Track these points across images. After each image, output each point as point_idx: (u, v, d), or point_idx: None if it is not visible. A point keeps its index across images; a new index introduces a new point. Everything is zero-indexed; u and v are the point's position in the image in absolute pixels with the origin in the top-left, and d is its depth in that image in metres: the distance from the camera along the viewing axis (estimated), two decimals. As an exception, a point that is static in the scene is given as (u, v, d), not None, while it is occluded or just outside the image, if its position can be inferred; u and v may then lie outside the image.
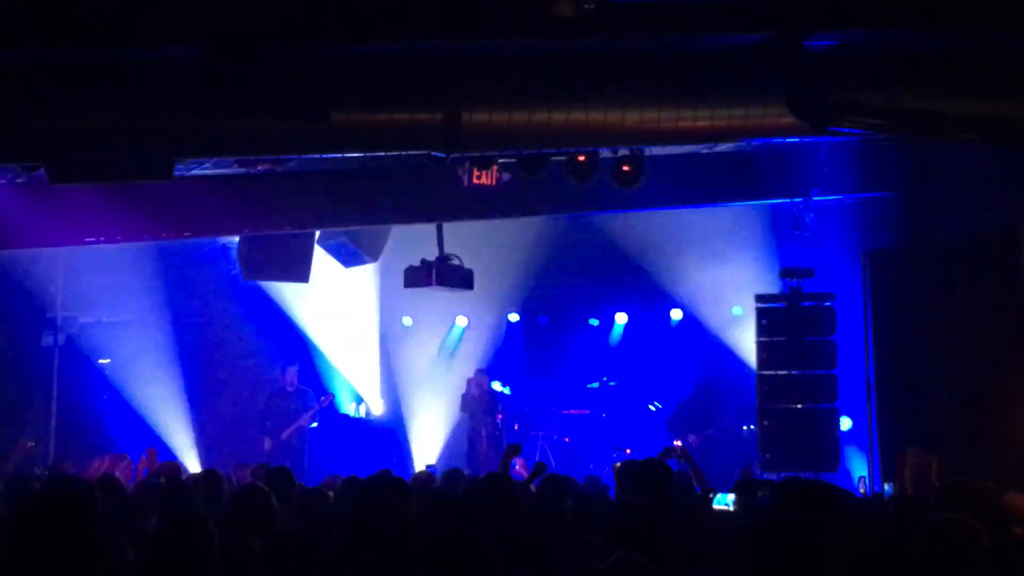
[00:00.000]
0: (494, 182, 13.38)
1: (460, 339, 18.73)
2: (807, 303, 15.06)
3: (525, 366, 19.80)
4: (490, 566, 4.55)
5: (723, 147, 13.46)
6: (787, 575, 4.51)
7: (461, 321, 19.68)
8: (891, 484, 12.94)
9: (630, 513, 6.00)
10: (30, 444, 13.40)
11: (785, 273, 15.17)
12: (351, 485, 8.21)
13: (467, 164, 13.03)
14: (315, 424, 17.05)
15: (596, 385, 18.92)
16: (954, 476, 7.28)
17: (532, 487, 9.28)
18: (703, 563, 6.18)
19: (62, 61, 9.69)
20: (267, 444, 16.52)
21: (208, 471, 9.56)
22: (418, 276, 16.16)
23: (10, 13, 8.90)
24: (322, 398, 17.08)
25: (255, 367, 17.97)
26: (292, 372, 17.09)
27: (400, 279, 16.40)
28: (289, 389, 16.98)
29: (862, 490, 14.10)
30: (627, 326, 19.28)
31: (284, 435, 16.60)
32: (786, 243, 15.61)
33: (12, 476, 10.63)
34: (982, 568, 5.40)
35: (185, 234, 14.80)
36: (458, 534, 4.69)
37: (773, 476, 13.98)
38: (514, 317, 19.96)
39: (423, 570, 4.55)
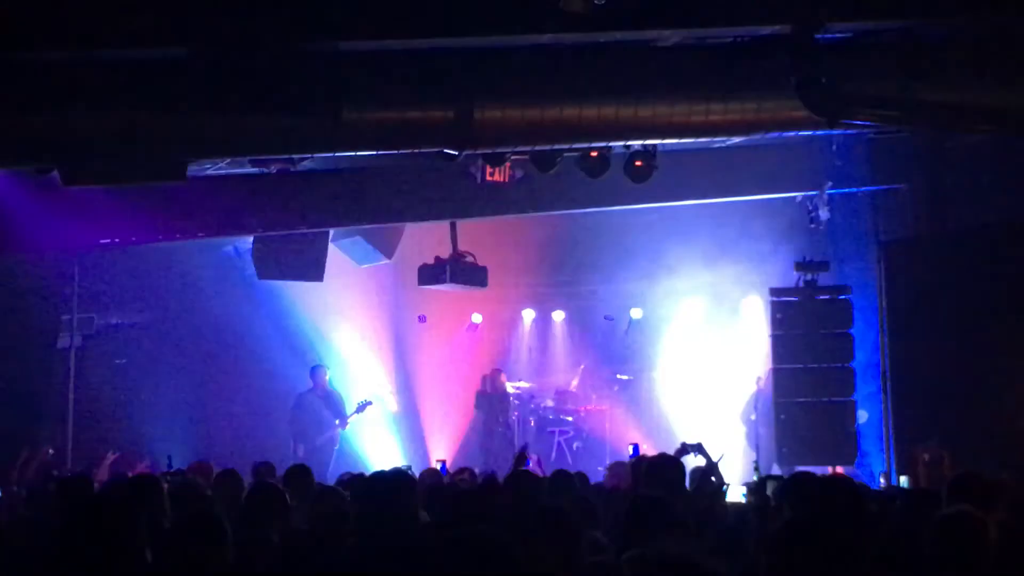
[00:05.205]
0: (507, 179, 13.38)
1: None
2: (822, 296, 15.02)
3: (540, 363, 19.79)
4: (513, 563, 4.55)
5: (736, 140, 13.42)
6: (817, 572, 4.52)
7: (476, 318, 19.69)
8: (907, 478, 12.91)
9: (644, 505, 6.00)
10: (50, 452, 13.45)
11: (800, 267, 15.12)
12: (360, 483, 8.22)
13: (480, 161, 13.03)
14: (348, 428, 16.91)
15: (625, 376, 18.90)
16: (967, 469, 7.25)
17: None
18: (719, 555, 6.19)
19: (74, 64, 9.72)
20: (300, 451, 16.33)
21: (225, 471, 9.56)
22: (432, 274, 16.18)
23: (22, 16, 8.94)
24: (361, 403, 16.91)
25: (271, 367, 17.97)
26: (322, 374, 16.88)
27: (414, 277, 16.41)
28: (319, 393, 16.79)
29: (883, 483, 14.05)
30: (641, 321, 19.26)
31: (320, 441, 16.41)
32: (800, 236, 15.56)
33: (34, 487, 10.67)
34: (990, 560, 5.38)
35: (200, 235, 14.82)
36: (480, 530, 4.69)
37: (788, 470, 13.94)
38: (529, 314, 19.96)
39: (441, 567, 4.55)
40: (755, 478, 10.86)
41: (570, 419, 18.71)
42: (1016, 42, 9.94)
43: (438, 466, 12.65)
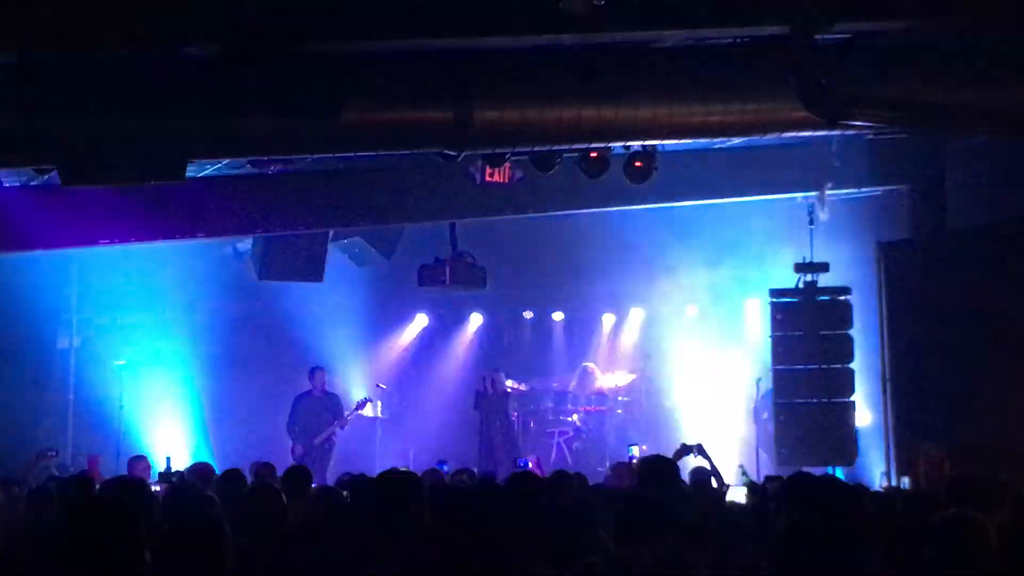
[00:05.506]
0: (507, 179, 13.37)
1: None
2: (822, 297, 15.01)
3: (540, 363, 19.79)
4: (508, 563, 4.55)
5: (736, 141, 13.41)
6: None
7: (475, 320, 19.69)
8: (907, 478, 12.91)
9: (641, 506, 6.00)
10: (51, 454, 13.48)
11: (800, 267, 15.11)
12: (360, 483, 8.23)
13: (479, 162, 13.02)
14: (346, 428, 16.92)
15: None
16: (967, 470, 7.25)
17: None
18: (718, 554, 6.19)
19: (75, 63, 9.72)
20: (298, 450, 16.35)
21: (230, 470, 9.58)
22: (432, 275, 16.17)
23: (22, 16, 8.94)
24: (360, 400, 16.98)
25: (270, 367, 17.98)
26: (321, 376, 16.92)
27: (414, 277, 16.42)
28: (317, 394, 16.78)
29: (884, 484, 14.04)
30: (641, 321, 19.28)
31: (318, 440, 16.42)
32: (800, 236, 15.56)
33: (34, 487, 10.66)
34: (990, 561, 5.38)
35: (199, 235, 14.80)
36: (481, 531, 4.68)
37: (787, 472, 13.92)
38: (528, 314, 19.96)
39: (444, 568, 4.55)
40: (743, 482, 10.83)
41: (570, 419, 18.71)
42: (1016, 42, 9.94)
43: (441, 468, 12.62)
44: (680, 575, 5.46)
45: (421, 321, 19.64)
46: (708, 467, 10.02)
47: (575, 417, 18.71)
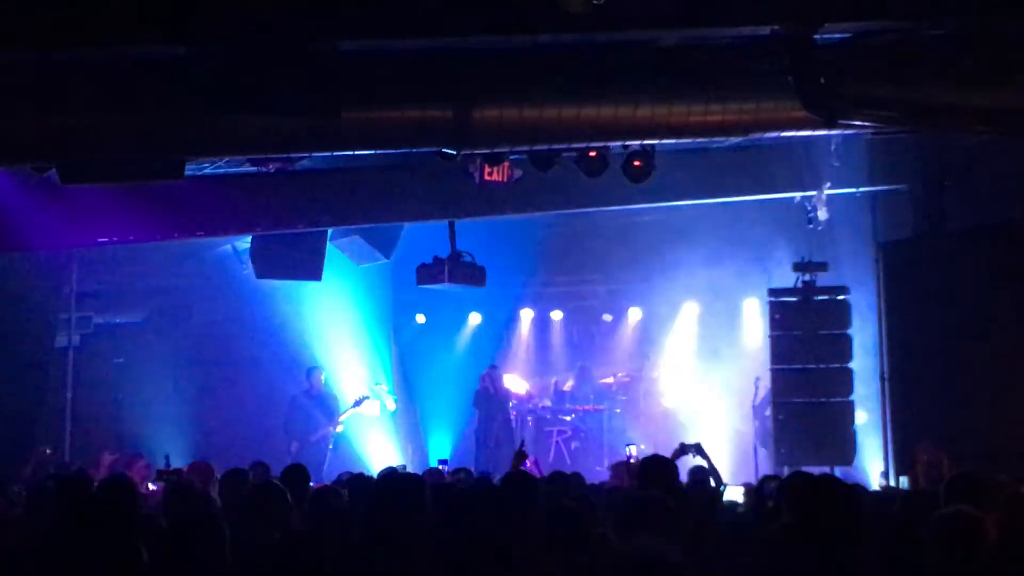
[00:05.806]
0: (506, 179, 13.37)
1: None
2: (821, 297, 15.02)
3: (538, 362, 19.79)
4: (510, 563, 4.55)
5: (735, 141, 13.40)
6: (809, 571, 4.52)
7: (474, 318, 19.69)
8: (906, 478, 12.91)
9: (639, 505, 6.01)
10: (48, 451, 13.48)
11: (798, 267, 15.12)
12: (361, 483, 8.24)
13: (478, 161, 13.02)
14: (341, 428, 16.93)
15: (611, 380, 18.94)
16: (965, 469, 7.25)
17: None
18: (716, 553, 6.20)
19: (73, 62, 9.72)
20: (293, 446, 16.39)
21: (233, 470, 9.58)
22: (431, 273, 16.18)
23: (20, 14, 8.94)
24: (358, 399, 17.02)
25: (268, 366, 17.98)
26: (318, 375, 16.96)
27: (413, 276, 16.43)
28: (314, 393, 16.84)
29: (883, 484, 14.06)
30: (639, 320, 19.29)
31: (314, 438, 16.46)
32: (800, 237, 15.56)
33: (32, 486, 10.66)
34: (988, 560, 5.39)
35: (198, 234, 14.80)
36: (479, 531, 4.68)
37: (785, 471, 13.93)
38: (527, 313, 19.96)
39: (443, 567, 4.55)
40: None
41: (568, 419, 18.71)
42: (1014, 43, 9.94)
43: (441, 467, 12.64)
44: (678, 574, 5.45)
45: (420, 320, 19.64)
46: (706, 466, 10.02)
47: (573, 416, 18.71)
